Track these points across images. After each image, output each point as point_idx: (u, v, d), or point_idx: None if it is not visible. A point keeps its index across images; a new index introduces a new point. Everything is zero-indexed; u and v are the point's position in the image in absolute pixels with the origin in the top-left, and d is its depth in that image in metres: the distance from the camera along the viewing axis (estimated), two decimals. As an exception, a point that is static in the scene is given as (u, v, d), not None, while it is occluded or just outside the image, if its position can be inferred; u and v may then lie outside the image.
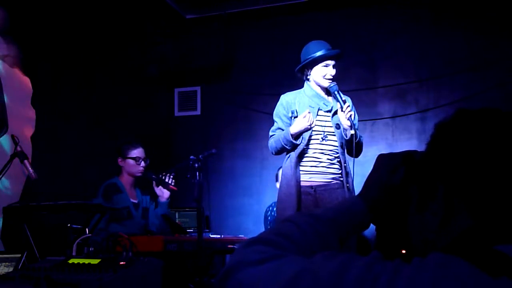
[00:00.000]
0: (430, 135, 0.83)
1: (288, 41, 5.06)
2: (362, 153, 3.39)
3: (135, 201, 3.85)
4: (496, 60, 4.71)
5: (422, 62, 5.01)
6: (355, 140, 3.12)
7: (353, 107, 3.33)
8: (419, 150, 0.88)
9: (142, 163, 3.85)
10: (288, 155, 3.27)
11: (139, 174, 3.85)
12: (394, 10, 5.10)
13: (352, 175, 3.25)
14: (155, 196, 3.92)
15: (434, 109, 4.92)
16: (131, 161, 3.82)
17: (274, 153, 3.35)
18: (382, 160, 0.94)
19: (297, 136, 3.18)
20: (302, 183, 3.19)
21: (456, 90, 4.84)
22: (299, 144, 3.18)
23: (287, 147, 3.20)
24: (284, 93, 3.43)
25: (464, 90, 4.79)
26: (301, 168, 3.21)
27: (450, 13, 4.91)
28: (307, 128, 3.16)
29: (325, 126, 3.25)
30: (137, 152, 3.86)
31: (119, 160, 3.85)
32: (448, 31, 4.93)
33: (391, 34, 5.10)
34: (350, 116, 3.10)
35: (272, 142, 3.30)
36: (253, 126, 5.42)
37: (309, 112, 3.17)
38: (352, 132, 3.10)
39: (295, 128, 3.17)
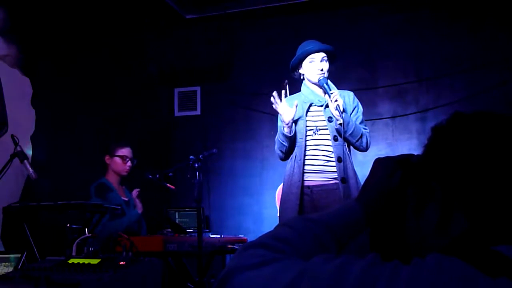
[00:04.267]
0: (427, 138, 0.84)
1: (288, 41, 5.05)
2: (362, 153, 3.38)
3: (126, 199, 3.90)
4: (496, 60, 4.71)
5: (422, 62, 5.01)
6: (344, 129, 3.10)
7: (357, 100, 3.33)
8: (419, 150, 0.88)
9: (129, 163, 3.93)
10: (290, 157, 3.27)
11: (125, 173, 3.94)
12: (394, 10, 5.10)
13: (352, 167, 3.20)
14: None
15: (434, 109, 4.92)
16: (118, 160, 3.91)
17: (279, 156, 3.31)
18: (379, 164, 0.94)
19: (289, 128, 3.16)
20: (297, 184, 3.17)
21: (456, 90, 4.84)
22: (291, 136, 3.15)
23: (284, 143, 3.18)
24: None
25: (464, 90, 4.79)
26: (297, 167, 3.20)
27: (450, 13, 4.91)
28: (288, 119, 3.13)
29: (317, 121, 3.25)
30: (125, 151, 3.95)
31: (106, 157, 3.94)
32: (448, 31, 4.93)
33: (391, 34, 5.10)
34: (338, 106, 3.09)
35: (275, 146, 3.30)
36: (253, 126, 5.42)
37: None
38: (341, 121, 3.09)
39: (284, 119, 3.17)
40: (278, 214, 4.32)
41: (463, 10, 4.86)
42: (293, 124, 3.18)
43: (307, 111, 3.25)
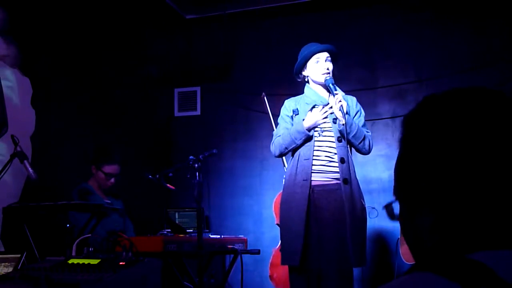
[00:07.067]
0: (402, 131, 0.78)
1: (288, 41, 5.06)
2: (362, 154, 3.38)
3: (108, 201, 3.91)
4: (496, 60, 4.71)
5: (422, 62, 5.00)
6: (347, 130, 3.12)
7: (359, 105, 3.34)
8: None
9: (112, 180, 3.95)
10: (293, 155, 3.28)
11: (106, 188, 3.98)
12: (394, 10, 5.10)
13: (354, 169, 3.22)
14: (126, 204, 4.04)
15: (434, 109, 4.91)
16: (102, 175, 3.92)
17: (277, 153, 3.31)
18: None
19: (310, 129, 3.21)
20: (302, 183, 3.18)
21: (456, 90, 4.83)
22: (311, 136, 3.18)
23: (297, 141, 3.19)
24: (284, 93, 3.44)
25: (464, 90, 4.78)
26: (300, 166, 3.20)
27: (450, 13, 4.91)
28: (318, 122, 3.19)
29: (321, 122, 3.27)
30: (111, 169, 3.96)
31: (93, 167, 3.95)
32: (448, 31, 4.93)
33: (391, 34, 5.10)
34: (341, 106, 3.12)
35: (279, 140, 3.28)
36: (253, 126, 5.41)
37: (316, 106, 3.21)
38: (343, 122, 3.11)
39: (309, 121, 3.19)
40: (276, 222, 4.32)
41: (463, 10, 4.85)
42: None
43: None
